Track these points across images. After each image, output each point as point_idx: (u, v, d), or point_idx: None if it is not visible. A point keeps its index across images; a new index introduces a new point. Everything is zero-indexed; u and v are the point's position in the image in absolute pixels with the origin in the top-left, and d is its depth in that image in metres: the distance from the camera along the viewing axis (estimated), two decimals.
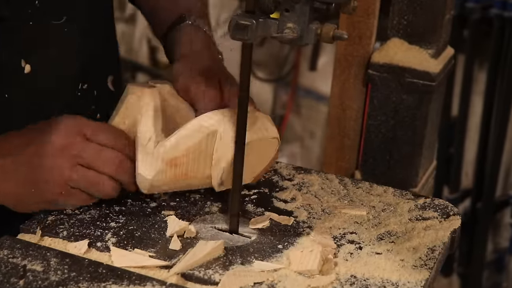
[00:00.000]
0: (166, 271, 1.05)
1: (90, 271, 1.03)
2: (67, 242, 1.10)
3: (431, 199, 1.28)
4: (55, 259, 1.05)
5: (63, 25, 1.30)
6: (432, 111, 1.49)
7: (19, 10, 1.24)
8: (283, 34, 1.05)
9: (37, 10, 1.26)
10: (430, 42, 1.46)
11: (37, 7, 1.25)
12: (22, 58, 1.26)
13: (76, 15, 1.32)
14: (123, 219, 1.16)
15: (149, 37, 3.49)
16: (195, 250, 1.08)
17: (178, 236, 1.12)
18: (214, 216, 1.19)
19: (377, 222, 1.21)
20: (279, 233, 1.16)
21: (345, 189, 1.29)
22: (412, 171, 1.50)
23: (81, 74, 1.33)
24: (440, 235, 1.18)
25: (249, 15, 1.06)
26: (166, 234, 1.13)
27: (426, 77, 1.44)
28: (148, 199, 1.22)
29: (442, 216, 1.24)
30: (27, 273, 1.02)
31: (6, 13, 1.22)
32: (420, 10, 1.44)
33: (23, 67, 1.26)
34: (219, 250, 1.09)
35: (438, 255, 1.13)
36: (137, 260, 1.07)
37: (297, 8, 1.04)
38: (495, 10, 2.87)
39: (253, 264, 1.08)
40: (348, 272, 1.08)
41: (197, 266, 1.06)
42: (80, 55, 1.33)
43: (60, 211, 1.16)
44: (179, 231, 1.13)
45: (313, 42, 1.06)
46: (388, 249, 1.14)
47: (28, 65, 1.26)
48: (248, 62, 1.10)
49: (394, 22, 1.47)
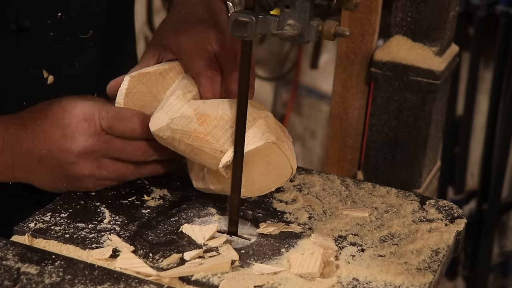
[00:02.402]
0: (164, 273, 1.05)
1: (86, 274, 1.03)
2: (74, 246, 1.10)
3: (436, 200, 1.28)
4: (50, 262, 1.05)
5: (88, 39, 1.35)
6: (436, 110, 1.49)
7: (40, 21, 1.28)
8: (284, 31, 1.05)
9: (59, 22, 1.30)
10: (434, 40, 1.46)
11: (60, 19, 1.30)
12: (44, 68, 1.31)
13: (101, 29, 1.37)
14: (120, 220, 1.16)
15: (147, 35, 3.49)
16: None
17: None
18: (213, 217, 1.19)
19: (379, 224, 1.21)
20: (280, 235, 1.16)
21: (347, 190, 1.29)
22: (416, 171, 1.50)
23: (97, 87, 1.33)
24: (445, 237, 1.18)
25: (249, 11, 1.06)
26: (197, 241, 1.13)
27: (430, 75, 1.44)
28: (145, 198, 1.22)
29: (447, 218, 1.24)
30: (21, 276, 1.02)
31: (27, 23, 1.27)
32: (424, 6, 1.44)
33: (46, 78, 1.31)
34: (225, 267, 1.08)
35: (442, 257, 1.14)
36: (137, 265, 1.07)
37: (297, 5, 1.04)
38: (501, 7, 2.87)
39: (252, 266, 1.08)
40: (350, 275, 1.08)
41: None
42: (101, 69, 1.36)
43: (56, 212, 1.16)
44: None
45: (314, 39, 1.06)
46: (391, 251, 1.14)
47: (51, 76, 1.31)
48: (247, 60, 1.10)
49: (397, 18, 1.47)
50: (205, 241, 1.12)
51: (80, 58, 1.36)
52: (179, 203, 1.22)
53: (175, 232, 1.15)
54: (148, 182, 1.26)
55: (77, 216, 1.16)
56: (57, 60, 1.33)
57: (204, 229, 1.13)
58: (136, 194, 1.23)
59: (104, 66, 1.40)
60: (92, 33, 1.36)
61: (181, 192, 1.25)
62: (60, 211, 1.17)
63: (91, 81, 1.31)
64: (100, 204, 1.20)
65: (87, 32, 1.35)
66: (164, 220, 1.18)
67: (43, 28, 1.29)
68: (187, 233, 1.14)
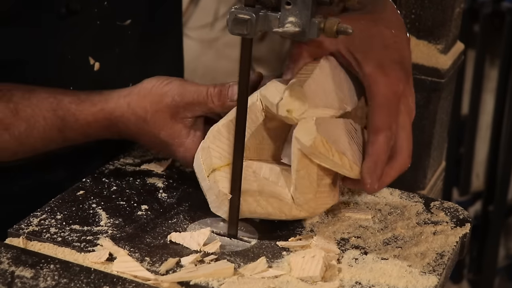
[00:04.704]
0: (164, 278, 1.05)
1: (82, 278, 1.03)
2: (70, 249, 1.10)
3: (440, 202, 1.28)
4: (45, 265, 1.05)
5: (127, 27, 1.37)
6: (441, 109, 1.49)
7: (89, 7, 1.31)
8: (285, 29, 1.05)
9: (105, 10, 1.33)
10: (439, 37, 1.46)
11: (105, 7, 1.33)
12: (90, 55, 1.33)
13: (141, 19, 1.39)
14: (117, 222, 1.16)
15: None
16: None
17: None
18: (213, 219, 1.19)
19: (383, 226, 1.21)
20: (281, 237, 1.16)
21: (349, 192, 1.29)
22: (420, 172, 1.50)
23: (137, 75, 1.34)
24: (450, 240, 1.18)
25: (249, 8, 1.06)
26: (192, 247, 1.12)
27: (434, 73, 1.44)
28: (143, 198, 1.22)
29: (452, 219, 1.24)
30: (15, 280, 1.02)
31: (78, 6, 1.29)
32: (429, 3, 1.44)
33: (92, 64, 1.34)
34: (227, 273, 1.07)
35: (447, 260, 1.13)
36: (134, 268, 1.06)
37: (299, 2, 1.04)
38: (507, 4, 2.87)
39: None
40: (353, 279, 1.08)
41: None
42: (141, 59, 1.38)
43: (51, 214, 1.16)
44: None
45: (316, 36, 1.06)
46: (394, 254, 1.14)
47: (98, 63, 1.34)
48: (247, 58, 1.09)
49: (401, 16, 1.47)
50: (200, 247, 1.11)
51: (120, 45, 1.38)
52: (178, 205, 1.22)
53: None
54: (147, 183, 1.27)
55: (73, 218, 1.16)
56: (101, 47, 1.35)
57: (196, 235, 1.13)
58: (133, 195, 1.23)
59: (143, 55, 1.42)
60: (131, 22, 1.38)
61: (180, 193, 1.25)
62: (56, 213, 1.17)
63: (131, 69, 1.32)
64: (96, 206, 1.20)
65: (126, 20, 1.37)
66: (162, 222, 1.17)
67: (90, 14, 1.32)
68: (177, 242, 1.12)
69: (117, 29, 1.38)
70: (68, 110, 1.24)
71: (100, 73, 1.34)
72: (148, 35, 1.43)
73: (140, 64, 1.27)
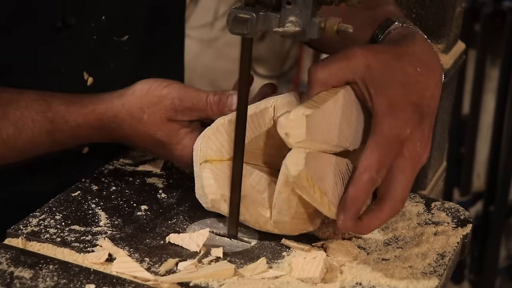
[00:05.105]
0: (164, 279, 1.05)
1: (81, 279, 1.03)
2: (69, 250, 1.10)
3: (441, 202, 1.28)
4: (44, 266, 1.05)
5: (124, 43, 1.37)
6: (442, 109, 1.49)
7: (86, 21, 1.30)
8: (285, 28, 1.05)
9: (102, 24, 1.32)
10: (440, 37, 1.46)
11: (103, 22, 1.32)
12: (85, 70, 1.33)
13: (140, 34, 1.39)
14: (117, 222, 1.16)
15: None
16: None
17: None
18: (213, 220, 1.19)
19: (384, 227, 1.20)
20: (281, 238, 1.16)
21: None
22: (421, 172, 1.49)
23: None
24: (451, 240, 1.18)
25: (249, 8, 1.06)
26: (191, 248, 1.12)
27: None
28: (143, 199, 1.22)
29: (453, 220, 1.24)
30: (14, 281, 1.02)
31: (73, 20, 1.28)
32: (430, 2, 1.44)
33: (86, 79, 1.33)
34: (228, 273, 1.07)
35: (448, 261, 1.13)
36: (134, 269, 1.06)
37: (299, 1, 1.04)
38: (508, 3, 2.87)
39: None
40: (354, 280, 1.08)
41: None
42: (137, 72, 1.36)
43: (50, 215, 1.16)
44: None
45: (317, 36, 1.05)
46: (395, 255, 1.14)
47: (91, 78, 1.33)
48: (247, 58, 1.09)
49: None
50: (199, 248, 1.11)
51: (116, 61, 1.38)
52: (178, 205, 1.22)
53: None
54: (146, 183, 1.27)
55: (72, 219, 1.16)
56: (95, 62, 1.34)
57: (195, 236, 1.13)
58: (133, 195, 1.23)
59: (140, 68, 1.40)
60: (128, 38, 1.37)
61: (180, 193, 1.25)
62: (55, 213, 1.17)
63: (127, 82, 1.31)
64: (95, 206, 1.20)
65: (123, 36, 1.37)
66: (162, 222, 1.17)
67: (86, 29, 1.31)
68: (176, 243, 1.12)
69: (114, 45, 1.37)
70: (58, 112, 1.22)
71: (94, 88, 1.32)
72: (147, 50, 1.42)
73: (137, 78, 1.26)
